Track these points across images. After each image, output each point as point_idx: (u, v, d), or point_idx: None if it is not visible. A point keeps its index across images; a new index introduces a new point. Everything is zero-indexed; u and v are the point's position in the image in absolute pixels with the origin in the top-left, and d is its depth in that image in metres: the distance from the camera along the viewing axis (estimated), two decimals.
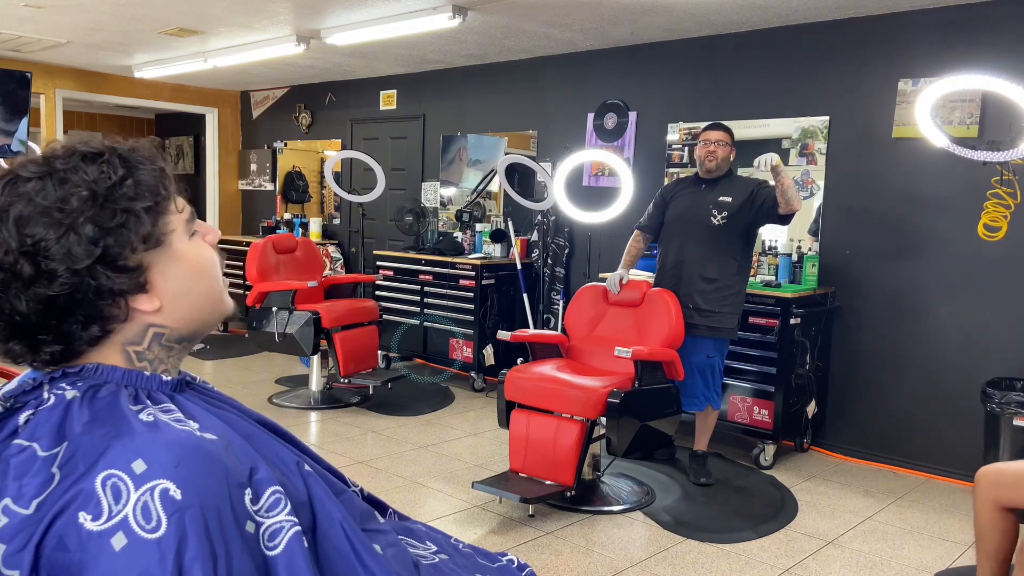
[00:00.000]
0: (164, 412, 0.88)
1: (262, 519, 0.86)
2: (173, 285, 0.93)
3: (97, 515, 0.77)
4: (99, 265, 0.85)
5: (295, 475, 0.98)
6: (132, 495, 0.78)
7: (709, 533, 3.37)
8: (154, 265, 0.91)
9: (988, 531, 2.28)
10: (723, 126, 3.92)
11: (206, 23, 5.33)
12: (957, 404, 4.08)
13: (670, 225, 3.97)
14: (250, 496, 0.86)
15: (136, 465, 0.80)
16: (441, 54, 5.99)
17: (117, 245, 0.86)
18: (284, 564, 0.85)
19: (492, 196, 6.35)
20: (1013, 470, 2.29)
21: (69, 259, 0.83)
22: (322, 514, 0.97)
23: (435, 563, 1.17)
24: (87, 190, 0.85)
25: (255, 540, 0.84)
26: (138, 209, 0.88)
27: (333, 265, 7.22)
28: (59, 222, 0.83)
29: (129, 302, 0.89)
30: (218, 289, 0.99)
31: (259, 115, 8.41)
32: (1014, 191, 3.83)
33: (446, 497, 3.69)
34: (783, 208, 3.63)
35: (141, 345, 0.93)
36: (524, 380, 3.60)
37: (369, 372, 5.21)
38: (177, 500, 0.78)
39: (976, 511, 2.33)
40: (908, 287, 4.28)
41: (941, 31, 4.13)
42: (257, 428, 1.01)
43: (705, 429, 4.01)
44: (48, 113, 7.33)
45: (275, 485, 0.89)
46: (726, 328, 3.85)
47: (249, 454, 0.90)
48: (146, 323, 0.92)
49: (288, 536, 0.86)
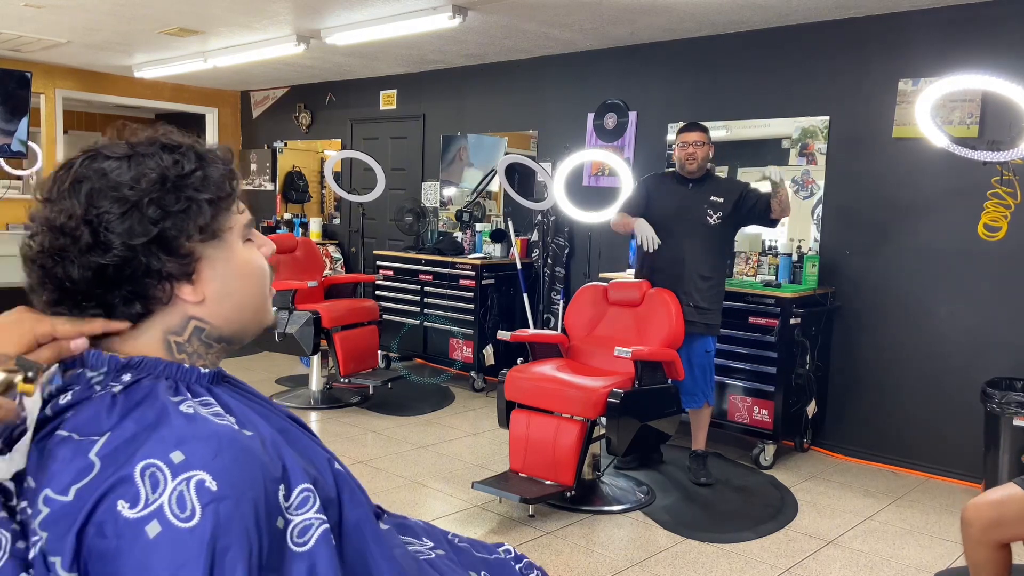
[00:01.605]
0: (204, 406, 0.89)
1: (292, 516, 0.87)
2: (219, 282, 0.95)
3: (134, 503, 0.79)
4: (154, 245, 0.89)
5: (327, 472, 0.99)
6: (169, 484, 0.79)
7: (709, 533, 3.37)
8: (205, 257, 0.94)
9: (986, 568, 2.21)
10: (700, 126, 3.95)
11: (206, 23, 5.33)
12: (957, 404, 4.08)
13: (662, 223, 3.96)
14: (283, 492, 0.87)
15: (175, 455, 0.81)
16: (441, 54, 5.99)
17: (174, 229, 0.90)
18: (312, 560, 0.86)
19: (492, 196, 6.35)
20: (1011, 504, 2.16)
21: (127, 234, 0.87)
22: (348, 513, 0.99)
23: (431, 559, 1.18)
24: (158, 174, 0.90)
25: (282, 536, 0.86)
26: (201, 200, 0.92)
27: (333, 265, 7.23)
28: (126, 199, 0.88)
29: (174, 287, 0.92)
30: (262, 297, 1.02)
31: (259, 115, 8.41)
32: (1014, 191, 3.83)
33: (446, 497, 3.69)
34: (777, 214, 3.82)
35: (182, 336, 0.95)
36: (524, 380, 3.60)
37: (369, 372, 5.21)
38: (213, 491, 0.80)
39: (970, 550, 2.22)
40: (908, 287, 4.28)
41: (941, 31, 4.13)
42: (290, 424, 1.03)
43: (701, 426, 4.03)
44: (48, 113, 7.33)
45: (306, 482, 0.90)
46: (718, 324, 3.97)
47: (282, 450, 0.92)
48: (188, 314, 0.95)
49: (318, 533, 0.88)
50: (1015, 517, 2.13)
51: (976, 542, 2.19)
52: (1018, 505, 2.13)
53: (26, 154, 6.19)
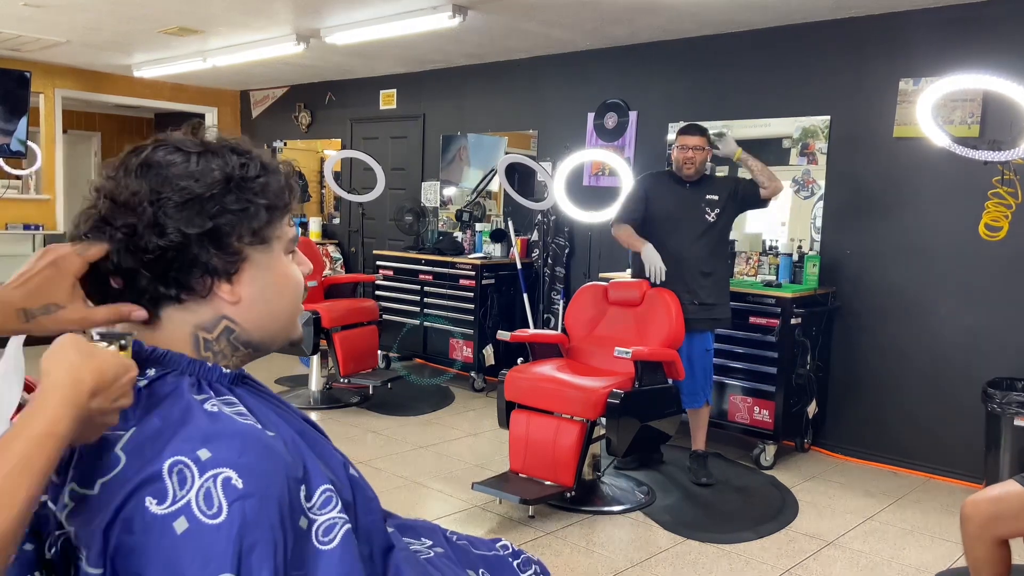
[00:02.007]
0: (227, 405, 0.90)
1: (315, 516, 0.89)
2: (258, 286, 0.98)
3: (162, 499, 0.79)
4: (206, 238, 0.91)
5: (343, 476, 1.01)
6: (196, 481, 0.80)
7: (709, 533, 3.36)
8: (250, 260, 0.96)
9: (985, 565, 2.21)
10: (700, 129, 3.94)
11: (206, 22, 5.33)
12: (958, 404, 4.07)
13: (662, 224, 3.96)
14: (304, 492, 0.88)
15: (202, 453, 0.82)
16: (441, 54, 5.99)
17: (228, 226, 0.93)
18: (338, 558, 0.87)
19: (492, 196, 6.34)
20: (1010, 500, 2.16)
21: (184, 222, 0.90)
22: (361, 519, 1.00)
23: (430, 558, 1.19)
24: (223, 173, 0.94)
25: (306, 535, 0.87)
26: (259, 204, 0.96)
27: (333, 265, 7.22)
28: (189, 190, 0.91)
29: (215, 283, 0.94)
30: (294, 311, 1.04)
31: (259, 114, 8.41)
32: (1015, 191, 3.83)
33: (446, 497, 3.69)
34: (766, 192, 3.89)
35: (211, 333, 0.96)
36: (524, 380, 3.60)
37: (369, 372, 5.20)
38: (239, 489, 0.80)
39: (969, 547, 2.22)
40: (909, 287, 4.28)
41: (942, 31, 4.12)
42: (307, 426, 1.04)
43: (700, 425, 4.03)
44: (47, 113, 7.32)
45: (326, 483, 0.92)
46: (725, 317, 3.98)
47: (302, 451, 0.93)
48: (221, 313, 0.96)
49: (342, 532, 0.89)
50: (1013, 512, 2.13)
51: (975, 538, 2.19)
52: (1017, 501, 2.13)
53: (25, 154, 6.19)
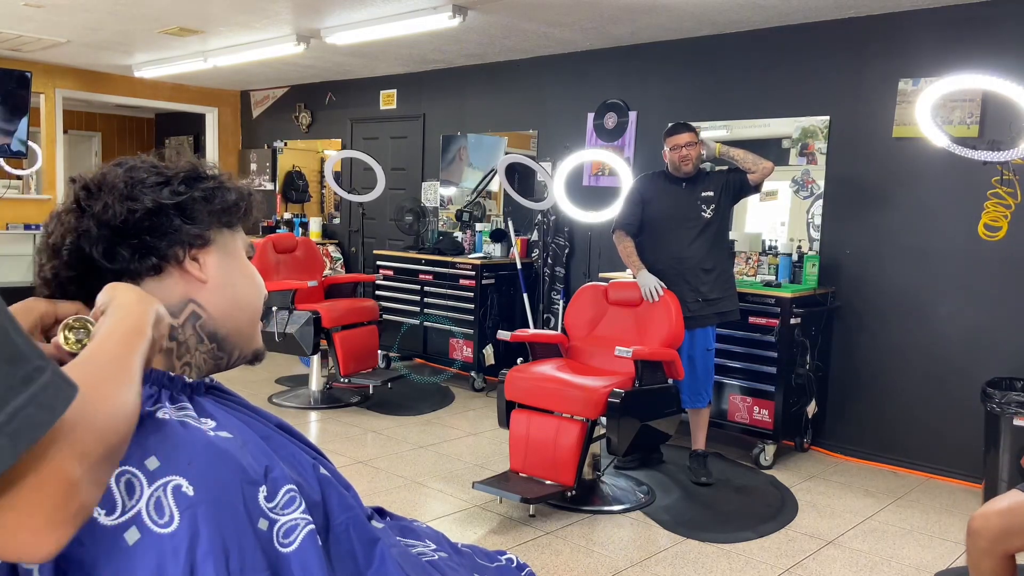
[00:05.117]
0: (178, 410, 0.90)
1: (276, 516, 0.88)
2: (224, 271, 1.00)
3: (111, 510, 0.79)
4: (175, 211, 0.96)
5: (311, 477, 1.00)
6: (146, 491, 0.80)
7: (709, 533, 3.37)
8: (217, 243, 1.00)
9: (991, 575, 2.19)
10: (688, 126, 3.95)
11: (206, 22, 5.33)
12: (957, 404, 4.08)
13: (660, 224, 3.97)
14: (264, 493, 0.88)
15: (149, 462, 0.82)
16: (441, 54, 5.99)
17: (198, 203, 0.98)
18: (298, 561, 0.87)
19: (492, 196, 6.34)
20: (1020, 512, 2.11)
21: (156, 194, 0.96)
22: (336, 516, 1.00)
23: (434, 560, 1.18)
24: (191, 165, 1.01)
25: (268, 537, 0.86)
26: (228, 186, 1.02)
27: (333, 265, 7.22)
28: (162, 173, 0.98)
29: (187, 254, 0.97)
30: (257, 308, 1.07)
31: (259, 115, 8.41)
32: (1014, 191, 3.83)
33: (446, 497, 3.69)
34: (754, 176, 3.90)
35: (178, 319, 0.96)
36: (524, 380, 3.60)
37: (369, 372, 5.21)
38: (190, 496, 0.80)
39: (976, 561, 2.18)
40: (908, 287, 4.28)
41: (941, 31, 4.12)
42: (275, 431, 1.04)
43: (701, 425, 4.04)
44: (48, 113, 7.33)
45: (290, 484, 0.91)
46: (732, 310, 3.99)
47: (265, 453, 0.93)
48: (188, 296, 0.97)
49: (303, 533, 0.89)
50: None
51: (984, 552, 2.16)
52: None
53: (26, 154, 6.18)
